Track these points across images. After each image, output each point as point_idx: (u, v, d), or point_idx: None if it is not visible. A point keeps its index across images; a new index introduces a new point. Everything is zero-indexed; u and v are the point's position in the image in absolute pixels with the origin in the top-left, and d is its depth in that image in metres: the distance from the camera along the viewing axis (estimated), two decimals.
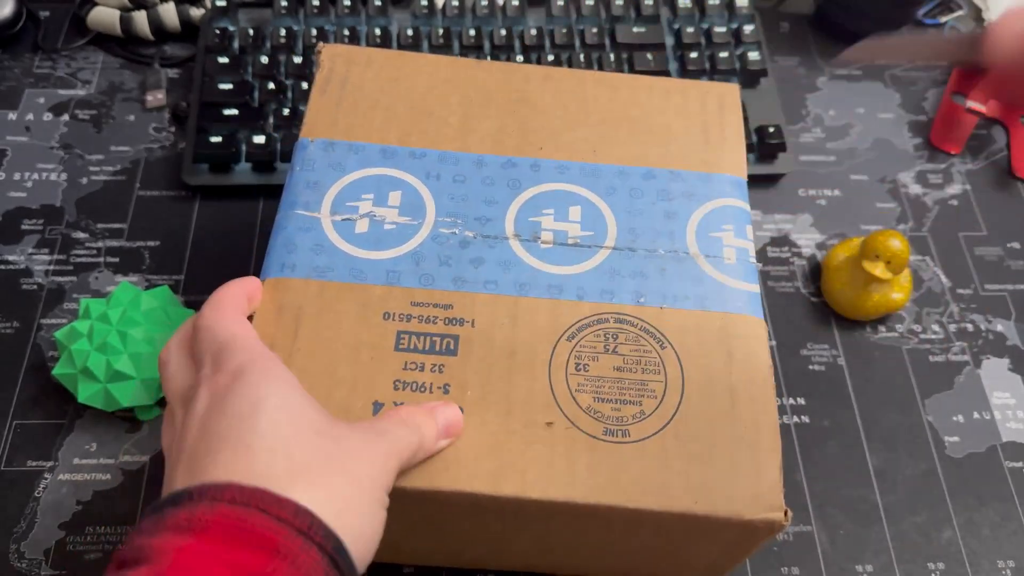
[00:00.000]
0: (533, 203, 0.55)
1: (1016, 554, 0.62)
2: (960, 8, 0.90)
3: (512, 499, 0.46)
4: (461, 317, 0.50)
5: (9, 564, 0.58)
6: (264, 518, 0.36)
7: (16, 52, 0.84)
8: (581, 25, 0.83)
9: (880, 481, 0.64)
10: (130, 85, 0.82)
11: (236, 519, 0.35)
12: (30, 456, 0.62)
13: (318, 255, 0.52)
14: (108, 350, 0.60)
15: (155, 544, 0.35)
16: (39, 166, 0.76)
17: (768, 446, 0.48)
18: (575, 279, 0.52)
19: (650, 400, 0.48)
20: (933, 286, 0.74)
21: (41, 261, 0.71)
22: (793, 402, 0.67)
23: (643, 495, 0.46)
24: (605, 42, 0.82)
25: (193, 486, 0.37)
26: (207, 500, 0.36)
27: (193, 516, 0.35)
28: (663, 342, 0.50)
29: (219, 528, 0.35)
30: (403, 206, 0.54)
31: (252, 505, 0.36)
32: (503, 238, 0.53)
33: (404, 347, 0.49)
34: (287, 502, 0.36)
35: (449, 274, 0.52)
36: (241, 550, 0.35)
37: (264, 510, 0.36)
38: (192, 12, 0.83)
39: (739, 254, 0.54)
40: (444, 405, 0.47)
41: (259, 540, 0.35)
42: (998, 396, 0.69)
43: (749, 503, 0.46)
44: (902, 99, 0.85)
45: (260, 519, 0.36)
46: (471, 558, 0.58)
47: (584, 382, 0.49)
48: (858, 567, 0.61)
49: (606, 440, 0.47)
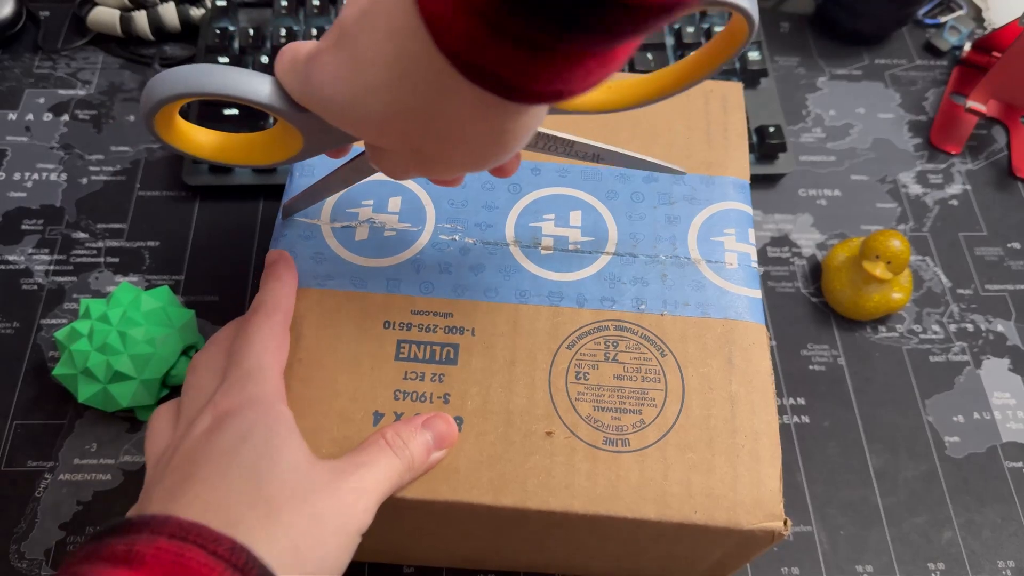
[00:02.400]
0: (533, 208, 0.55)
1: (1016, 555, 0.62)
2: (960, 8, 0.90)
3: (512, 509, 0.46)
4: (461, 325, 0.50)
5: (9, 564, 0.58)
6: (200, 553, 0.36)
7: (16, 52, 0.84)
8: None
9: (880, 481, 0.64)
10: (130, 85, 0.81)
11: (173, 553, 0.36)
12: (30, 456, 0.62)
13: (319, 263, 0.52)
14: (108, 350, 0.60)
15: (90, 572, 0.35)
16: (39, 166, 0.76)
17: (768, 455, 0.48)
18: (575, 285, 0.52)
19: (650, 409, 0.48)
20: (933, 286, 0.74)
21: (41, 261, 0.71)
22: (793, 402, 0.68)
23: (643, 505, 0.46)
24: None
25: (135, 517, 0.38)
26: (147, 532, 0.37)
27: (131, 549, 0.36)
28: (663, 350, 0.50)
29: (155, 562, 0.35)
30: (403, 212, 0.54)
31: (189, 540, 0.36)
32: (503, 244, 0.53)
33: (404, 356, 0.49)
34: (224, 538, 0.37)
35: (449, 281, 0.52)
36: None
37: (201, 546, 0.36)
38: (192, 12, 0.83)
39: (741, 259, 0.54)
40: (436, 416, 0.47)
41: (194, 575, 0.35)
42: (998, 396, 0.69)
43: (749, 512, 0.46)
44: (902, 99, 0.85)
45: (195, 554, 0.36)
46: (471, 560, 0.59)
47: (584, 391, 0.49)
48: (858, 567, 0.61)
49: (606, 449, 0.47)
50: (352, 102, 0.37)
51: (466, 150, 0.38)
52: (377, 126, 0.38)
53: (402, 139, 0.38)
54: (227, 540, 0.37)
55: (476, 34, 0.30)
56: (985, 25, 0.90)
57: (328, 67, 0.38)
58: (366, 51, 0.35)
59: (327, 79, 0.38)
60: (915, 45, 0.88)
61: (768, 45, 0.87)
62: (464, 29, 0.30)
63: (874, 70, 0.87)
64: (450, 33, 0.31)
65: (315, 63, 0.38)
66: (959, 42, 0.87)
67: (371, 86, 0.36)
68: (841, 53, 0.88)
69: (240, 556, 0.37)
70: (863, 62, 0.87)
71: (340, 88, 0.37)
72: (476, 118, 0.36)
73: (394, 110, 0.36)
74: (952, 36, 0.87)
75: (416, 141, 0.38)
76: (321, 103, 0.39)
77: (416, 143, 0.38)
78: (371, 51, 0.35)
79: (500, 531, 0.50)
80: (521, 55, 0.31)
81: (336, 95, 0.38)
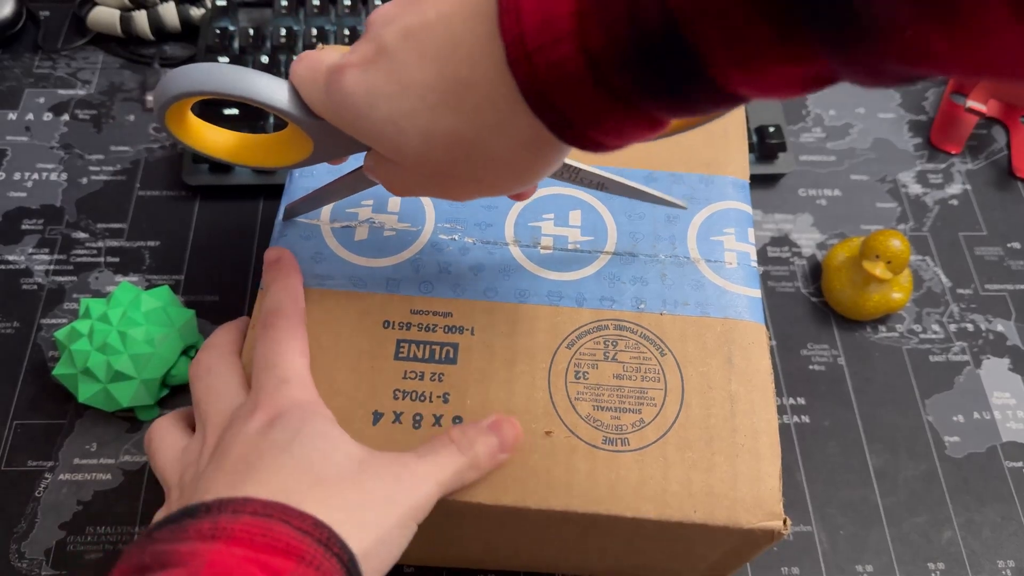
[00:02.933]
0: (533, 207, 0.55)
1: (1016, 554, 0.62)
2: None
3: (512, 508, 0.46)
4: (460, 325, 0.50)
5: (10, 564, 0.58)
6: (287, 528, 0.37)
7: (16, 52, 0.84)
8: None
9: (880, 481, 0.64)
10: (130, 85, 0.82)
11: (261, 528, 0.37)
12: (30, 456, 0.62)
13: (318, 263, 0.52)
14: (108, 350, 0.60)
15: (182, 549, 0.36)
16: (39, 166, 0.76)
17: (768, 454, 0.48)
18: (575, 285, 0.52)
19: (650, 408, 0.48)
20: (933, 286, 0.74)
21: (41, 261, 0.71)
22: (793, 402, 0.67)
23: (642, 504, 0.46)
24: None
25: (211, 500, 0.38)
26: (228, 512, 0.37)
27: (216, 525, 0.37)
28: (663, 349, 0.50)
29: (245, 535, 0.36)
30: (402, 212, 0.54)
31: (274, 517, 0.37)
32: (503, 244, 0.53)
33: (404, 356, 0.49)
34: (307, 515, 0.38)
35: (449, 281, 0.52)
36: (270, 555, 0.36)
37: (286, 521, 0.37)
38: (192, 12, 0.83)
39: (740, 258, 0.54)
40: (504, 420, 0.47)
41: (285, 547, 0.36)
42: (998, 396, 0.69)
43: (749, 511, 0.46)
44: (902, 99, 0.85)
45: (283, 529, 0.37)
46: (470, 559, 0.58)
47: (583, 390, 0.49)
48: (858, 567, 0.61)
49: (605, 449, 0.47)
50: (387, 121, 0.37)
51: (498, 177, 0.38)
52: (413, 149, 0.38)
53: (432, 162, 0.38)
54: (310, 517, 0.38)
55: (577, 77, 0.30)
56: None
57: (360, 84, 0.37)
58: (414, 73, 0.35)
59: (359, 96, 0.37)
60: None
61: None
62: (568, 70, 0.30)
63: None
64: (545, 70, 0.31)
65: (343, 77, 0.38)
66: None
67: (414, 108, 0.36)
68: None
69: (323, 532, 0.38)
70: None
71: (375, 106, 0.37)
72: (522, 149, 0.36)
73: (437, 134, 0.36)
74: None
75: (446, 166, 0.38)
76: (347, 118, 0.39)
77: (446, 168, 0.38)
78: (421, 73, 0.35)
79: (500, 530, 0.50)
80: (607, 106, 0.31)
81: (369, 113, 0.37)
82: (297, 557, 0.36)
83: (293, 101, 0.41)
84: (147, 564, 0.36)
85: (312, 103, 0.41)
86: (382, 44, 0.36)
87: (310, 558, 0.36)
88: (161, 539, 0.37)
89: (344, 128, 0.40)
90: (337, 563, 0.37)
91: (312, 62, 0.40)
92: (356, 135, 0.39)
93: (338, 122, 0.40)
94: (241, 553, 0.35)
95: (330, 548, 0.37)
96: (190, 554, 0.35)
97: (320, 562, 0.36)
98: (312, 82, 0.40)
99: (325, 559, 0.37)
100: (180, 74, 0.41)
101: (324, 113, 0.40)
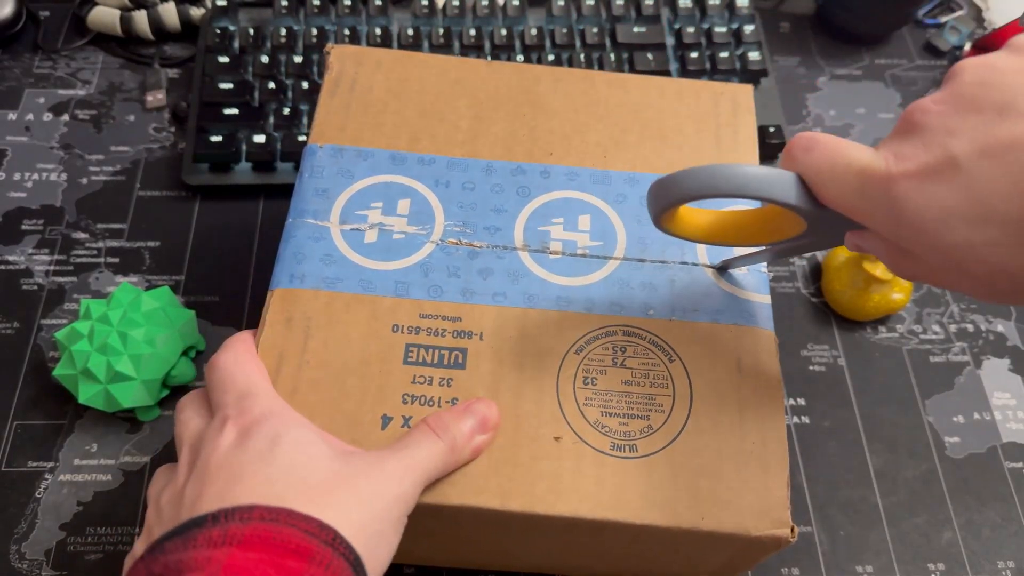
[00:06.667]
0: (543, 211, 0.55)
1: (1016, 554, 0.62)
2: (960, 8, 0.90)
3: (519, 514, 0.46)
4: (469, 330, 0.50)
5: (10, 565, 0.58)
6: (294, 531, 0.38)
7: (16, 52, 0.83)
8: (581, 25, 0.82)
9: (880, 481, 0.65)
10: (130, 85, 0.81)
11: (271, 531, 0.37)
12: (31, 457, 0.62)
13: (327, 266, 0.52)
14: (109, 351, 0.60)
15: (196, 556, 0.36)
16: (39, 166, 0.76)
17: (776, 462, 0.48)
18: (584, 290, 0.52)
19: (658, 414, 0.48)
20: (933, 286, 0.74)
21: (41, 261, 0.71)
22: (793, 402, 0.68)
23: (650, 511, 0.46)
24: (605, 42, 0.81)
25: (215, 510, 0.39)
26: (236, 519, 0.38)
27: (227, 532, 0.37)
28: (672, 355, 0.50)
29: (257, 539, 0.37)
30: (412, 215, 0.54)
31: (281, 521, 0.38)
32: (512, 248, 0.53)
33: (413, 360, 0.49)
34: (311, 518, 0.39)
35: (458, 285, 0.52)
36: (283, 557, 0.37)
37: (292, 525, 0.38)
38: (192, 12, 0.82)
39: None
40: (478, 400, 0.48)
41: (296, 548, 0.37)
42: (998, 396, 0.69)
43: (756, 519, 0.46)
44: (902, 99, 0.85)
45: (291, 532, 0.38)
46: (475, 562, 0.59)
47: (592, 396, 0.49)
48: (858, 568, 0.61)
49: (613, 455, 0.47)
50: (963, 247, 0.35)
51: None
52: (974, 271, 0.35)
53: (985, 285, 0.36)
54: (314, 519, 0.39)
55: None
56: (985, 25, 0.90)
57: (930, 200, 0.35)
58: (998, 202, 0.33)
59: (929, 213, 0.35)
60: (915, 45, 0.89)
61: (768, 45, 0.87)
62: None
63: (874, 70, 0.87)
64: None
65: (898, 188, 0.35)
66: (959, 42, 0.87)
67: (996, 240, 0.34)
68: (841, 53, 0.88)
69: (328, 533, 0.39)
70: (863, 62, 0.87)
71: (952, 229, 0.34)
72: None
73: (1013, 268, 0.34)
74: (952, 36, 0.88)
75: (1000, 293, 0.36)
76: (905, 233, 0.36)
77: (993, 288, 0.36)
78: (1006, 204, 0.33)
79: (507, 535, 0.50)
80: None
81: (941, 234, 0.35)
82: (308, 558, 0.37)
83: (802, 195, 0.40)
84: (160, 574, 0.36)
85: (828, 198, 0.38)
86: (951, 157, 0.34)
87: (320, 558, 0.37)
88: (171, 550, 0.37)
89: (890, 236, 0.37)
90: (344, 562, 0.38)
91: (834, 156, 0.38)
92: (906, 244, 0.37)
93: (885, 230, 0.37)
94: (255, 556, 0.36)
95: (336, 548, 0.38)
96: (205, 560, 0.36)
97: (329, 561, 0.37)
98: (834, 179, 0.37)
99: (334, 558, 0.38)
100: (678, 180, 0.41)
101: (864, 218, 0.38)
